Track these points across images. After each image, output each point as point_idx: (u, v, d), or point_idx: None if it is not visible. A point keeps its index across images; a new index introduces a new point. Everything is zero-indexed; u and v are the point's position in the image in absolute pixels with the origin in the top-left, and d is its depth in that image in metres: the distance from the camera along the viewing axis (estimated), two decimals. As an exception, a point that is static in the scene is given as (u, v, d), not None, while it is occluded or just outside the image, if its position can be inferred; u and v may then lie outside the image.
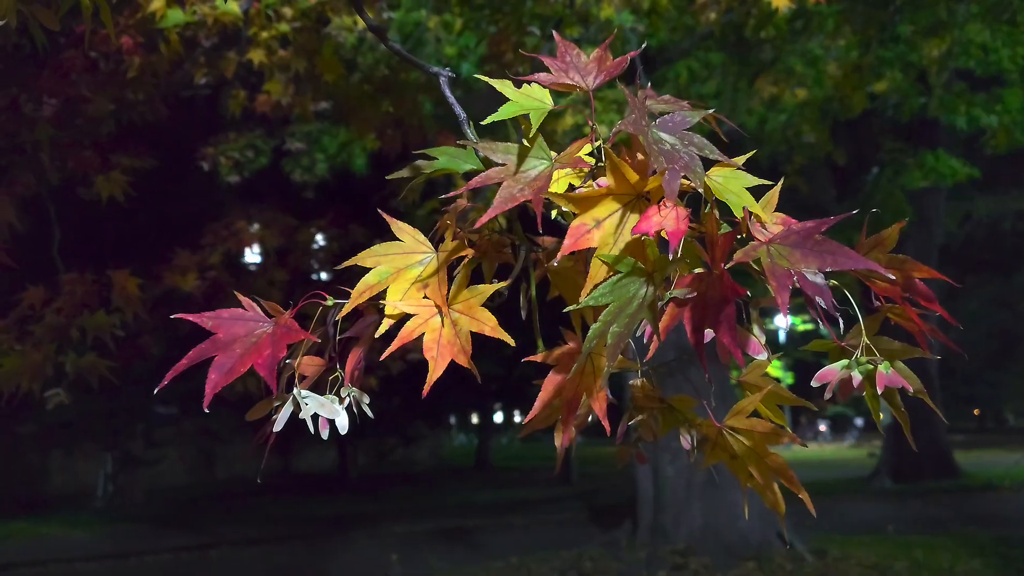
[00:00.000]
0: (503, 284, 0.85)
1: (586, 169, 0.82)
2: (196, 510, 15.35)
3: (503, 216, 0.89)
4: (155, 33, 2.98)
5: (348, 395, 0.92)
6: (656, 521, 9.67)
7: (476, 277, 0.93)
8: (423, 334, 0.83)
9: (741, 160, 0.83)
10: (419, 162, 0.95)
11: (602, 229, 0.77)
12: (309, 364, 0.92)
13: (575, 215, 0.76)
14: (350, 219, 5.19)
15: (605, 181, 0.76)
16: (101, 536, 13.30)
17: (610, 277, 0.76)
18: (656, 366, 0.94)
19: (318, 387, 0.92)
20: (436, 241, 0.89)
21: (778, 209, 0.81)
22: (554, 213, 0.85)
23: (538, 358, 0.87)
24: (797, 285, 0.70)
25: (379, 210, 0.90)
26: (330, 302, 0.88)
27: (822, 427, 31.06)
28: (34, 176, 2.71)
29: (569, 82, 0.87)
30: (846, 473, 17.88)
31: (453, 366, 0.82)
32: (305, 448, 20.76)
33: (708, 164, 0.81)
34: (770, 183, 0.82)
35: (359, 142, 5.90)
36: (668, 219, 0.73)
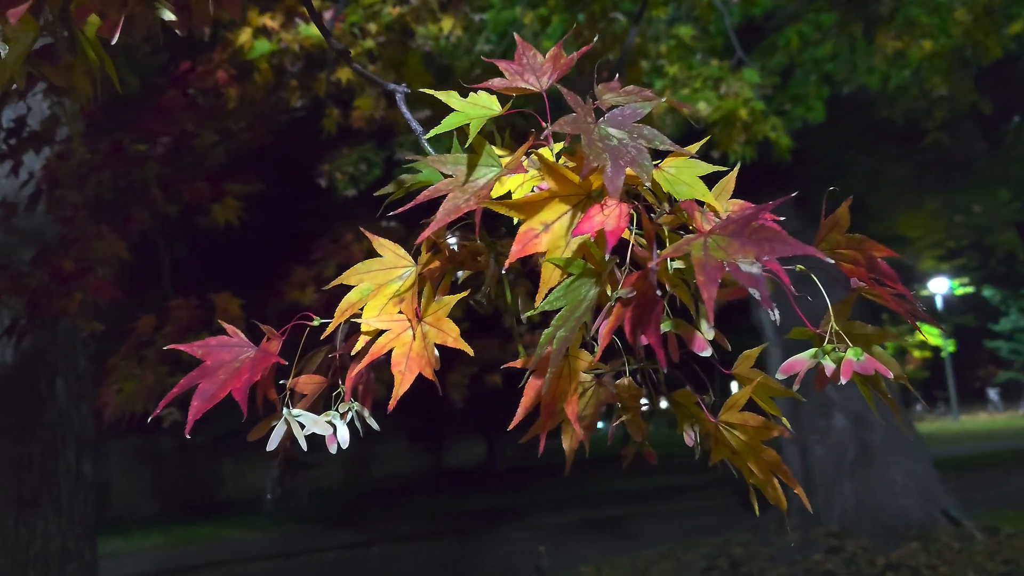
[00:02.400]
0: (463, 295, 0.86)
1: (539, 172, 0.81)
2: (356, 508, 16.02)
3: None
4: (247, 64, 3.14)
5: (350, 410, 0.95)
6: (807, 503, 9.34)
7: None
8: (392, 349, 0.84)
9: (695, 148, 0.80)
10: (404, 176, 0.97)
11: (551, 232, 0.76)
12: (308, 383, 0.95)
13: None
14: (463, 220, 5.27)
15: (546, 184, 0.75)
16: (273, 536, 14.04)
17: (563, 281, 0.75)
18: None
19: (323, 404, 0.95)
20: (417, 255, 0.91)
21: (922, 167, 0.77)
22: (516, 219, 0.84)
23: (518, 364, 0.86)
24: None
25: (361, 228, 0.92)
26: (316, 322, 0.91)
27: (992, 395, 28.94)
28: (147, 211, 2.91)
29: (523, 85, 0.87)
30: (1021, 443, 16.63)
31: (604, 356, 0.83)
32: (454, 444, 21.31)
33: (662, 156, 0.79)
34: (725, 169, 0.79)
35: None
36: (611, 218, 0.72)
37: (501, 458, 20.79)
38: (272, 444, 0.90)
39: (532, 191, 0.85)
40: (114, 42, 0.79)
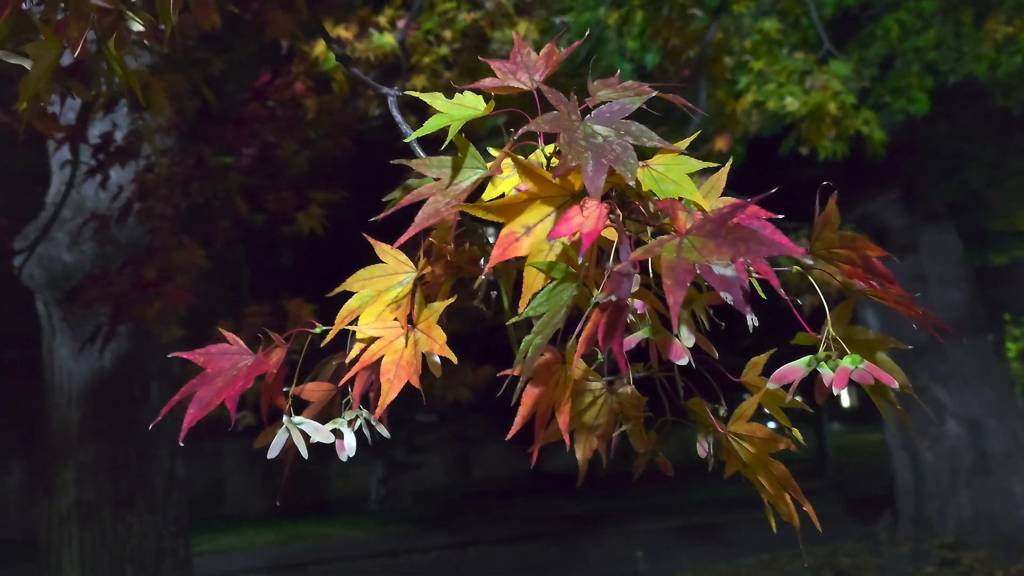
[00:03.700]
0: (451, 300, 0.84)
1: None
2: (456, 510, 16.18)
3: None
4: (325, 76, 3.21)
5: (358, 418, 0.94)
6: (919, 512, 8.91)
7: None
8: (383, 357, 0.83)
9: (684, 144, 0.75)
10: (411, 181, 0.95)
11: (533, 236, 0.73)
12: (315, 390, 0.95)
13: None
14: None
15: (524, 185, 0.72)
16: (376, 536, 14.32)
17: (546, 285, 0.72)
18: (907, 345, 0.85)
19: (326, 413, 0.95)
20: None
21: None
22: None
23: (517, 371, 0.84)
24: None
25: (364, 234, 0.92)
26: (318, 329, 0.91)
27: None
28: (230, 221, 3.01)
29: (515, 84, 0.84)
30: None
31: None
32: (555, 447, 21.24)
33: (650, 153, 0.75)
34: (716, 165, 0.74)
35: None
36: (590, 219, 0.68)
37: (601, 462, 20.63)
38: (272, 452, 0.90)
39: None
40: (76, 54, 0.81)
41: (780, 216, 0.72)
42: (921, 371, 8.93)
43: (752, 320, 0.62)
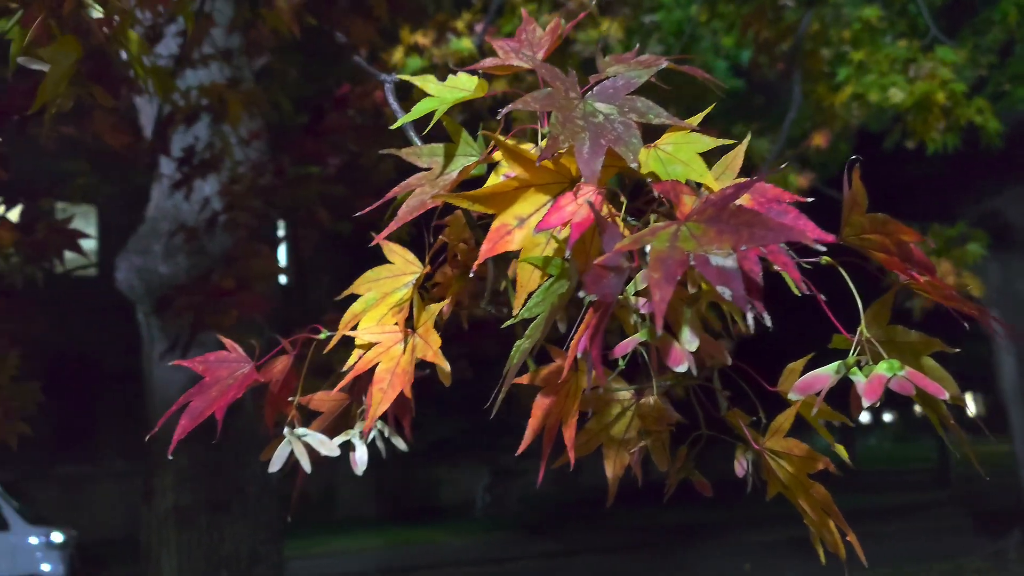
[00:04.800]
0: (446, 302, 0.77)
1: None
2: (561, 518, 16.10)
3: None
4: (405, 83, 3.20)
5: (372, 429, 0.89)
6: (1052, 530, 8.30)
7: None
8: (378, 364, 0.77)
9: (696, 120, 0.66)
10: (422, 176, 0.89)
11: (526, 228, 0.65)
12: (325, 400, 0.90)
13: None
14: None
15: (512, 172, 0.65)
16: (482, 542, 14.39)
17: (542, 284, 0.65)
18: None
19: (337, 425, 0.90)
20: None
21: None
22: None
23: (525, 379, 0.76)
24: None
25: (372, 233, 0.86)
26: (323, 335, 0.86)
27: None
28: (313, 230, 3.04)
29: (515, 63, 0.77)
30: None
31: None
32: (660, 457, 20.89)
33: (658, 131, 0.66)
34: (732, 142, 0.64)
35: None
36: (584, 207, 0.60)
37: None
38: (274, 466, 0.86)
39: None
40: (29, 38, 0.79)
41: (809, 200, 0.62)
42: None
43: (764, 320, 0.53)
